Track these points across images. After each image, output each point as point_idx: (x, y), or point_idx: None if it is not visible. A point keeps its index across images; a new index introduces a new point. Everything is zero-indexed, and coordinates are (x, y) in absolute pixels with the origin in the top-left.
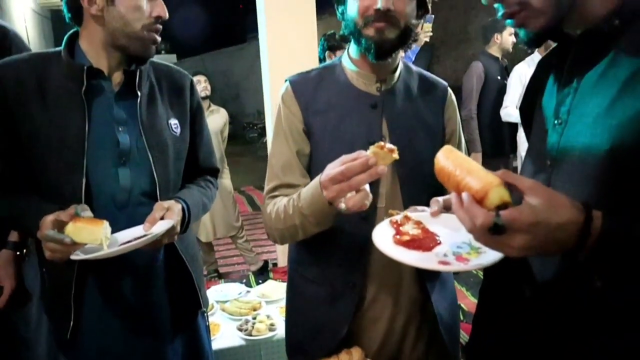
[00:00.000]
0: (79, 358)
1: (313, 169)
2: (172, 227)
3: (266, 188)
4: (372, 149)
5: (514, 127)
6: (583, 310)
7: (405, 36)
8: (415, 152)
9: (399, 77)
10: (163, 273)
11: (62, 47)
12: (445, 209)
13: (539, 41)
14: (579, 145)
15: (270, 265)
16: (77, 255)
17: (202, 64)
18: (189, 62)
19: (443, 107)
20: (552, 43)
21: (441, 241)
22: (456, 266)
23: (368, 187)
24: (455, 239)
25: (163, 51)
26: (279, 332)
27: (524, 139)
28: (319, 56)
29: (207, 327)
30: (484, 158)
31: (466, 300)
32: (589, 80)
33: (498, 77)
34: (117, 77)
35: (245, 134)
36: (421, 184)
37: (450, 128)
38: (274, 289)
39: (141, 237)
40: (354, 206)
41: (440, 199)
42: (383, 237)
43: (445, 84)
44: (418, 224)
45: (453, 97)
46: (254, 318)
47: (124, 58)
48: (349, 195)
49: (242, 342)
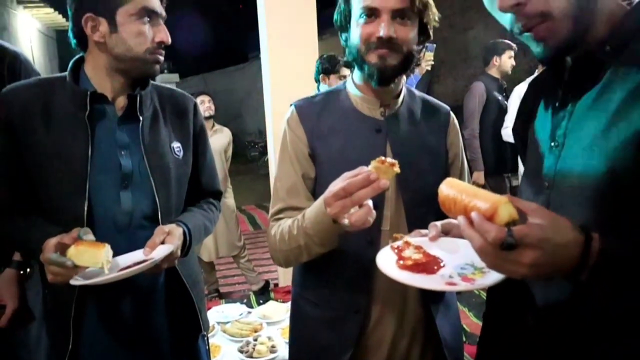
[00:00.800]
0: None
1: (318, 192)
2: (172, 252)
3: (271, 211)
4: (373, 163)
5: (515, 147)
6: (586, 328)
7: (408, 62)
8: (419, 176)
9: (402, 102)
10: (163, 296)
11: (67, 72)
12: (444, 233)
13: (559, 57)
14: (577, 168)
15: (271, 285)
16: (77, 280)
17: (204, 83)
18: (191, 81)
19: (446, 131)
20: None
21: (444, 264)
22: (463, 286)
23: (371, 203)
24: (457, 261)
25: (165, 70)
26: (280, 354)
27: None
28: (314, 78)
29: (208, 351)
30: (485, 177)
31: (468, 320)
32: (584, 104)
33: (499, 97)
34: (121, 102)
35: (247, 152)
36: (425, 207)
37: (453, 151)
38: (275, 310)
39: (141, 262)
40: (356, 222)
41: (438, 223)
42: (387, 263)
43: (447, 108)
44: (418, 248)
45: (455, 121)
46: (255, 339)
47: (127, 82)
48: (352, 211)
49: None
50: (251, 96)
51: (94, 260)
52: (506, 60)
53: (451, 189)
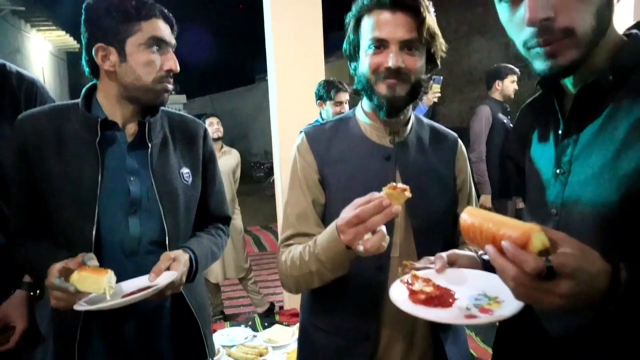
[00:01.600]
0: None
1: (328, 219)
2: (174, 281)
3: (281, 237)
4: (385, 190)
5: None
6: (606, 357)
7: (416, 91)
8: (428, 203)
9: (411, 129)
10: (169, 321)
11: (80, 99)
12: (449, 264)
13: (562, 76)
14: (587, 196)
15: (276, 308)
16: (81, 306)
17: (211, 103)
18: (198, 102)
19: (454, 158)
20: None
21: (457, 296)
22: (483, 318)
23: (384, 229)
24: (469, 292)
25: (173, 92)
26: None
27: None
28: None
29: None
30: (491, 199)
31: (474, 344)
32: (589, 132)
33: (504, 120)
34: (131, 128)
35: (252, 173)
36: (435, 233)
37: (461, 178)
38: (281, 333)
39: (145, 289)
40: (371, 248)
41: (444, 254)
42: (402, 298)
43: (455, 135)
44: (427, 281)
45: (463, 148)
46: None
47: (137, 109)
48: (366, 237)
49: None
50: (257, 117)
51: (96, 286)
52: (508, 85)
53: (474, 217)
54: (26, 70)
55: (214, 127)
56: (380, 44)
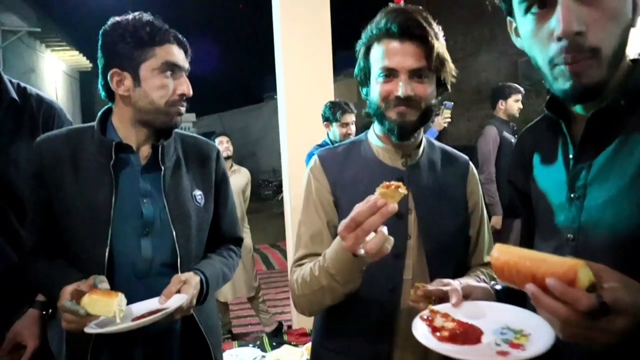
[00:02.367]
0: None
1: None
2: (181, 306)
3: (294, 257)
4: (379, 190)
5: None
6: None
7: (427, 116)
8: (440, 225)
9: (422, 152)
10: (179, 343)
11: (95, 123)
12: (464, 297)
13: (586, 96)
14: (607, 220)
15: (284, 327)
16: (92, 328)
17: (220, 122)
18: (207, 120)
19: (465, 180)
20: None
21: (482, 330)
22: (516, 354)
23: (385, 230)
24: (491, 326)
25: None
26: None
27: None
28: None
29: None
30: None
31: None
32: (603, 156)
33: (511, 140)
34: (145, 151)
35: (260, 191)
36: (447, 255)
37: (473, 200)
38: (290, 354)
39: (155, 311)
40: (371, 249)
41: (458, 287)
42: (426, 336)
43: (466, 157)
44: (446, 316)
45: (475, 170)
46: None
47: (151, 132)
48: (367, 239)
49: None
50: (265, 136)
51: (106, 309)
52: (512, 104)
53: (507, 255)
54: (41, 90)
55: (223, 146)
56: (389, 73)
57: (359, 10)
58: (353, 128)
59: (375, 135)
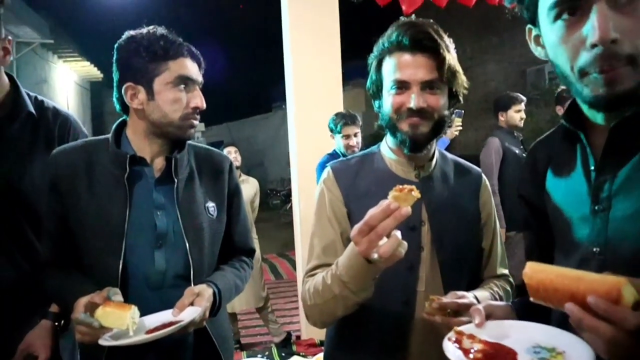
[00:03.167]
0: None
1: None
2: (193, 319)
3: (306, 268)
4: (392, 193)
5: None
6: None
7: (439, 127)
8: (453, 236)
9: (435, 164)
10: (192, 354)
11: (110, 135)
12: (486, 317)
13: (619, 104)
14: (635, 232)
15: (293, 337)
16: (105, 341)
17: (228, 131)
18: (215, 130)
19: (478, 192)
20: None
21: (515, 350)
22: None
23: (399, 234)
24: (521, 345)
25: None
26: None
27: None
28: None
29: None
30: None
31: None
32: (628, 167)
33: (516, 151)
34: (159, 164)
35: (269, 200)
36: (461, 267)
37: (486, 212)
38: None
39: (168, 324)
40: (385, 253)
41: (481, 307)
42: (460, 358)
43: (479, 170)
44: (472, 337)
45: (487, 182)
46: None
47: (165, 145)
48: (380, 243)
49: None
50: (274, 145)
51: (119, 322)
52: (513, 115)
53: (542, 273)
54: (52, 101)
55: (232, 156)
56: (402, 85)
57: (367, 20)
58: (357, 139)
59: (387, 148)
